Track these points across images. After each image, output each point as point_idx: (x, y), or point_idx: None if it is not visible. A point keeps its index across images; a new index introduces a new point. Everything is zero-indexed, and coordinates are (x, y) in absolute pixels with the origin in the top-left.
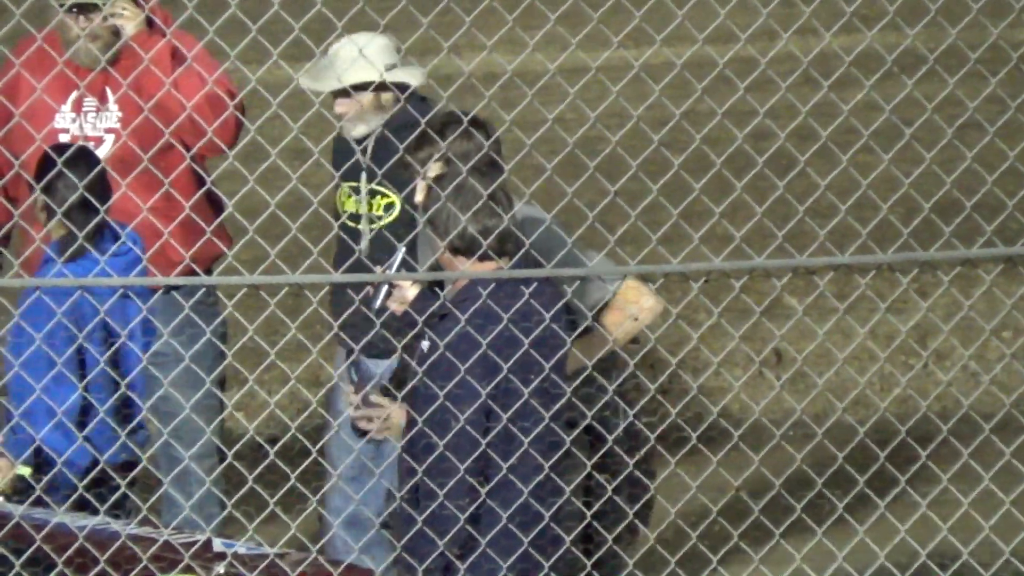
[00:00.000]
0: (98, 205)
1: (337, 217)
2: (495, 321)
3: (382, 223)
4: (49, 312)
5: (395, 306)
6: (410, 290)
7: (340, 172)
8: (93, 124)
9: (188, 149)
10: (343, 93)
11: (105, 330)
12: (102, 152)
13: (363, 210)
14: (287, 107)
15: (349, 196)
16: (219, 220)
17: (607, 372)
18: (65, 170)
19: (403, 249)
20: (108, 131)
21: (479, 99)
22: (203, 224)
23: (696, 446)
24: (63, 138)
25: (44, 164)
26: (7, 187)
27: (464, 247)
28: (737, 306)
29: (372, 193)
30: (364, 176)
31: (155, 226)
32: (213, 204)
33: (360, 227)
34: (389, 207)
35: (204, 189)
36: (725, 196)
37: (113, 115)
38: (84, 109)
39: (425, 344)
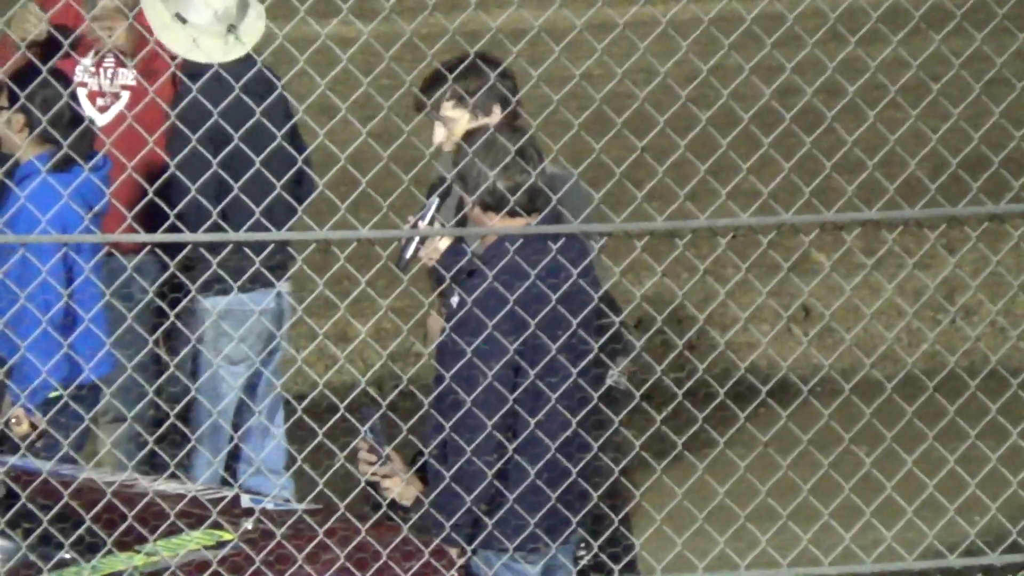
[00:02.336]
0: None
1: None
2: (524, 277)
3: None
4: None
5: (426, 258)
6: (442, 242)
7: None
8: (111, 81)
9: None
10: None
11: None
12: (117, 107)
13: None
14: (313, 63)
15: None
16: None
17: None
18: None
19: (436, 201)
20: (124, 87)
21: (506, 55)
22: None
23: (724, 402)
24: (81, 91)
25: (16, 85)
26: None
27: (495, 203)
28: (765, 262)
29: None
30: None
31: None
32: None
33: None
34: None
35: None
36: (753, 152)
37: (129, 73)
38: (104, 65)
39: (455, 300)
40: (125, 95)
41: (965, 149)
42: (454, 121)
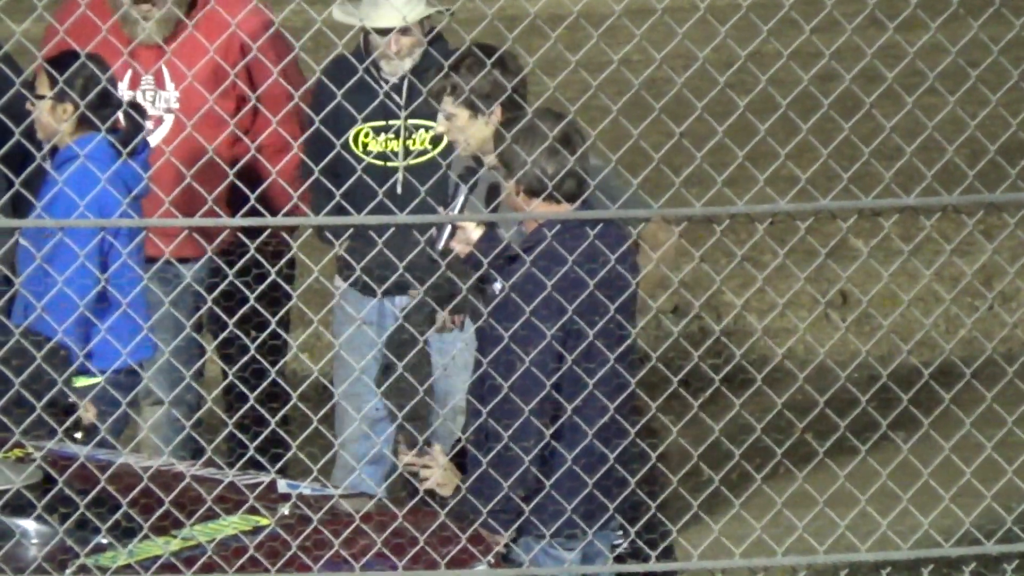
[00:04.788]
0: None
1: (353, 159)
2: (565, 264)
3: (428, 156)
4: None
5: (459, 247)
6: (474, 231)
7: (367, 111)
8: (152, 103)
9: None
10: (401, 29)
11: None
12: (162, 132)
13: (399, 147)
14: (350, 48)
15: (372, 135)
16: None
17: None
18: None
19: (464, 192)
20: (168, 111)
21: (545, 40)
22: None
23: (761, 387)
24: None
25: (57, 70)
26: None
27: (543, 189)
28: (802, 247)
29: (413, 128)
30: (403, 112)
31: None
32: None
33: (395, 164)
34: (437, 139)
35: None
36: (791, 138)
37: (171, 95)
38: (142, 87)
39: (497, 286)
40: (169, 119)
41: (1003, 135)
42: (455, 117)
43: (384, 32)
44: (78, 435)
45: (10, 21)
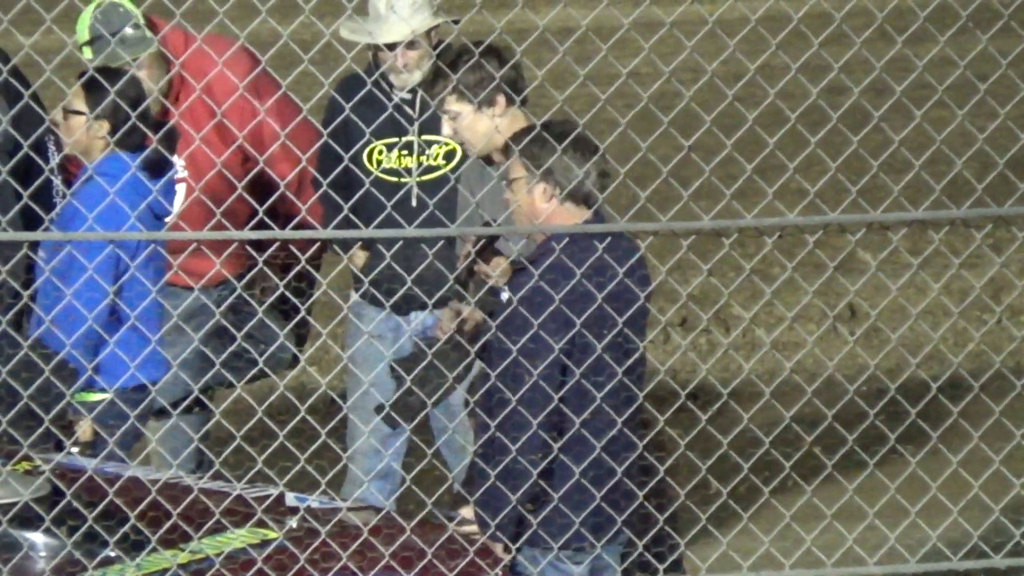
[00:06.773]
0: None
1: (365, 175)
2: (572, 276)
3: (440, 172)
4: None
5: (495, 273)
6: (496, 271)
7: (374, 126)
8: None
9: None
10: (407, 43)
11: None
12: (179, 200)
13: (413, 163)
14: (357, 60)
15: (385, 152)
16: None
17: None
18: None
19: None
20: (178, 181)
21: (554, 53)
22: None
23: (769, 401)
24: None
25: (95, 87)
26: None
27: (583, 196)
28: (811, 261)
29: (426, 144)
30: (417, 127)
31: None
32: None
33: (404, 181)
34: (450, 155)
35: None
36: (799, 151)
37: (178, 164)
38: None
39: (504, 295)
40: (181, 188)
41: (1012, 149)
42: (460, 115)
43: (391, 47)
44: (75, 449)
45: (18, 33)
